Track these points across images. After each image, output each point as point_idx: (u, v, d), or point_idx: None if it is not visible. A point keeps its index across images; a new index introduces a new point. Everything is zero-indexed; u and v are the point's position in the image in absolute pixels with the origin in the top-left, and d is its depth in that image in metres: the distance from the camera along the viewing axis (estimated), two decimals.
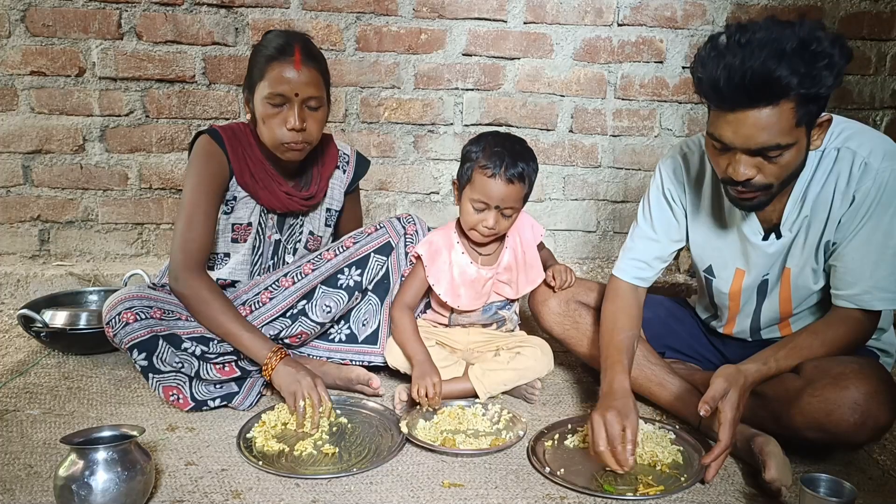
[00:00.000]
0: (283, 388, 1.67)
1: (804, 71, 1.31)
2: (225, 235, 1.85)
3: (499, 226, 1.80)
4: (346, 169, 2.00)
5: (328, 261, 1.89)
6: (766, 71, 1.30)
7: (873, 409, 1.40)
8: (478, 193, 1.77)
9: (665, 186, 1.74)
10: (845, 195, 1.50)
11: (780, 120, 1.34)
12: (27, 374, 1.93)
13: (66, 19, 2.44)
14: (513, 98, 2.66)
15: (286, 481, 1.44)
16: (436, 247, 1.89)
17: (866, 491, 1.46)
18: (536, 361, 1.85)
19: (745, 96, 1.33)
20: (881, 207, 1.48)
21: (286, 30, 1.79)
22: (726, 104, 1.37)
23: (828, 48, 1.32)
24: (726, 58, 1.33)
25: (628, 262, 1.78)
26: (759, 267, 1.65)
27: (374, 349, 1.95)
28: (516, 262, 1.92)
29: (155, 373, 1.69)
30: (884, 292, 1.51)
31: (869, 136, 1.53)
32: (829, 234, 1.54)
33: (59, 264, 2.62)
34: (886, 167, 1.46)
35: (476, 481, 1.47)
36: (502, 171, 1.74)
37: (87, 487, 1.24)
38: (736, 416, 1.41)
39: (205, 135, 1.79)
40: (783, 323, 1.71)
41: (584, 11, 2.59)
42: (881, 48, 2.70)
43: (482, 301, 1.92)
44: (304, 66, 1.69)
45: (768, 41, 1.31)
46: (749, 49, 1.31)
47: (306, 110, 1.72)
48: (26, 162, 2.55)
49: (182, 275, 1.72)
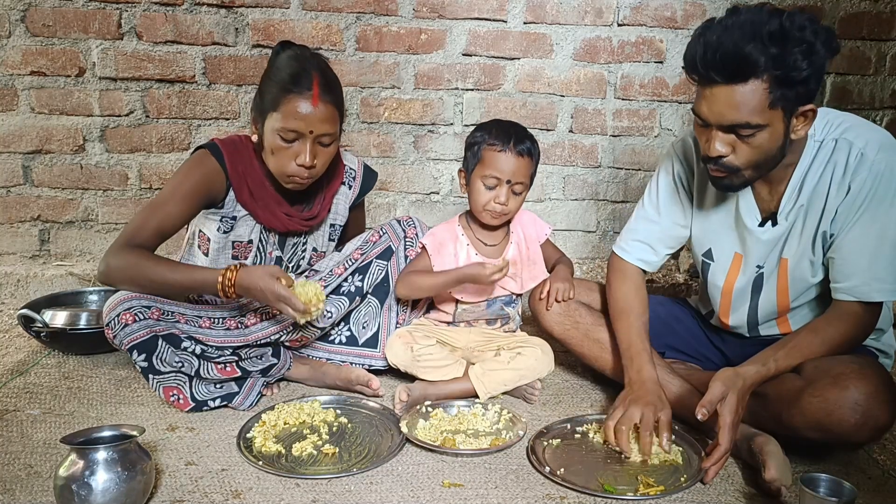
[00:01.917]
0: (253, 293, 1.62)
1: (775, 52, 1.35)
2: (225, 252, 1.83)
3: (510, 203, 1.83)
4: (351, 185, 1.97)
5: (338, 276, 1.89)
6: (736, 48, 1.36)
7: (874, 409, 1.40)
8: (489, 169, 1.81)
9: (675, 169, 1.76)
10: (841, 185, 1.51)
11: (752, 98, 1.38)
12: (27, 374, 1.93)
13: (66, 19, 2.44)
14: (513, 98, 2.66)
15: (286, 481, 1.44)
16: (440, 238, 1.91)
17: (866, 491, 1.46)
18: (537, 361, 1.85)
19: (718, 72, 1.39)
20: (877, 198, 1.48)
21: (301, 51, 1.72)
22: (702, 79, 1.44)
23: (809, 37, 1.35)
24: (706, 35, 1.40)
25: (632, 243, 1.81)
26: (755, 255, 1.66)
27: (375, 352, 1.95)
28: (521, 256, 1.94)
29: (155, 374, 1.69)
30: (882, 283, 1.51)
31: (867, 128, 1.54)
32: (826, 225, 1.55)
33: (59, 264, 2.62)
34: (882, 158, 1.47)
35: (476, 481, 1.47)
36: (511, 145, 1.81)
37: (88, 487, 1.24)
38: (735, 419, 1.41)
39: (204, 149, 1.75)
40: (781, 318, 1.71)
41: (583, 11, 2.59)
42: (881, 48, 2.70)
43: (486, 293, 1.92)
44: (322, 101, 1.64)
45: (749, 22, 1.37)
46: (729, 29, 1.37)
47: (318, 146, 1.69)
48: (26, 162, 2.55)
49: (113, 251, 1.63)
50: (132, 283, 1.65)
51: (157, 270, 1.63)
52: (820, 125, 1.53)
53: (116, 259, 1.64)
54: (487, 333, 1.96)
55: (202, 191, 1.72)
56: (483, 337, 1.95)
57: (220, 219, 1.79)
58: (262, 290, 1.60)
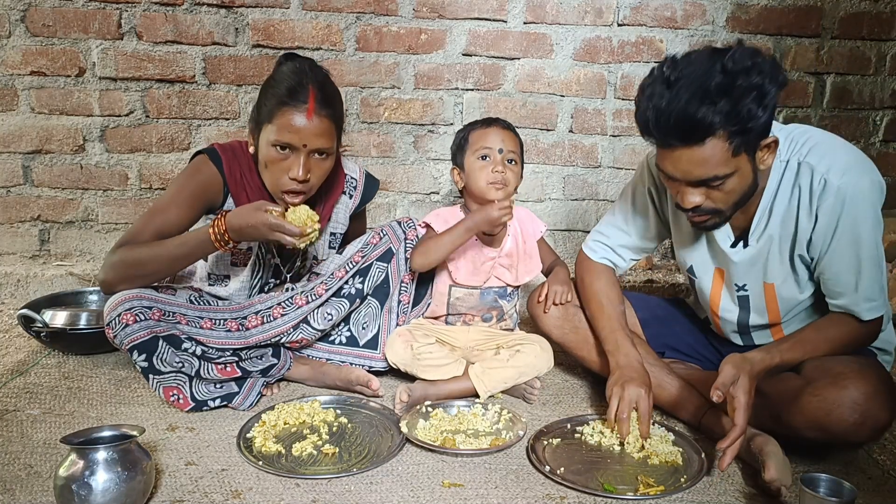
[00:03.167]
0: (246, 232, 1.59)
1: (729, 109, 1.33)
2: (224, 259, 1.83)
3: (507, 172, 1.86)
4: (352, 194, 1.97)
5: (340, 279, 1.89)
6: (688, 113, 1.34)
7: (873, 408, 1.40)
8: (479, 143, 1.87)
9: (647, 183, 1.77)
10: (809, 212, 1.50)
11: (714, 154, 1.38)
12: (27, 374, 1.93)
13: (66, 19, 2.44)
14: (513, 98, 2.66)
15: (286, 481, 1.44)
16: (444, 217, 1.94)
17: (866, 491, 1.46)
18: (536, 358, 1.85)
19: (674, 137, 1.38)
20: (849, 222, 1.47)
21: (302, 64, 1.70)
22: (660, 143, 1.42)
23: (756, 80, 1.33)
24: (654, 98, 1.38)
25: (600, 245, 1.85)
26: (733, 274, 1.66)
27: (375, 354, 1.95)
28: (517, 249, 1.97)
29: (155, 374, 1.69)
30: (870, 302, 1.52)
31: (829, 147, 1.50)
32: (801, 249, 1.55)
33: (59, 264, 2.62)
34: (847, 182, 1.45)
35: (476, 481, 1.47)
36: (495, 124, 1.91)
37: (88, 487, 1.24)
38: (748, 400, 1.40)
39: (203, 154, 1.75)
40: (775, 328, 1.71)
41: (584, 11, 2.59)
42: (881, 48, 2.70)
43: (480, 279, 1.94)
44: (317, 115, 1.62)
45: (693, 79, 1.34)
46: (675, 89, 1.35)
47: (313, 160, 1.67)
48: (26, 162, 2.55)
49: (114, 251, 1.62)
50: (131, 277, 1.63)
51: (149, 251, 1.61)
52: (784, 145, 1.51)
53: (109, 259, 1.63)
54: (486, 332, 1.96)
55: (201, 197, 1.72)
56: (482, 335, 1.95)
57: None
58: (255, 226, 1.57)
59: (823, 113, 2.74)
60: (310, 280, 1.94)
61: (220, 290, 1.85)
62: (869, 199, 1.46)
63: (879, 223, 1.50)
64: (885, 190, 1.50)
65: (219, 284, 1.86)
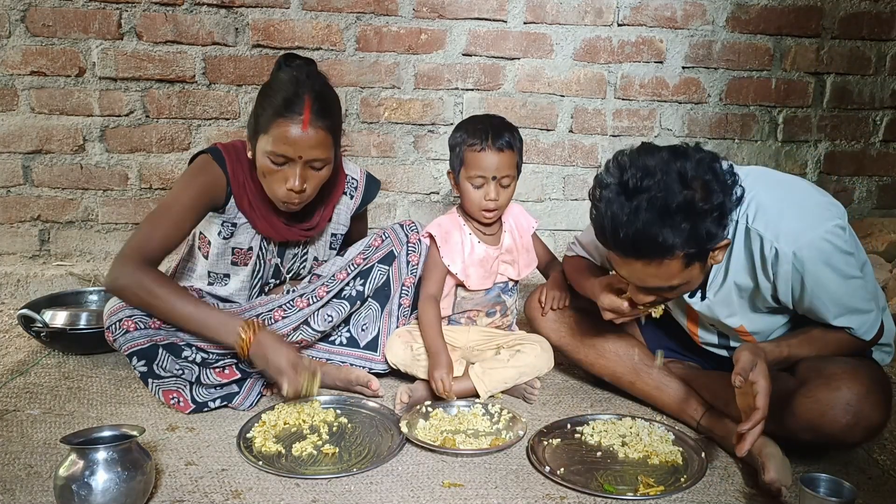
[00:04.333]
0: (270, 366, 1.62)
1: (689, 233, 1.32)
2: (224, 258, 1.83)
3: (500, 197, 1.85)
4: (353, 195, 1.96)
5: (341, 280, 1.89)
6: (649, 235, 1.32)
7: (865, 409, 1.40)
8: (473, 170, 1.83)
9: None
10: (767, 276, 1.48)
11: (670, 269, 1.38)
12: (27, 374, 1.93)
13: (66, 19, 2.44)
14: (513, 98, 2.66)
15: (286, 481, 1.44)
16: (446, 228, 1.93)
17: (866, 491, 1.46)
18: (537, 358, 1.85)
19: (631, 253, 1.38)
20: (811, 280, 1.43)
21: (300, 70, 1.68)
22: (614, 252, 1.42)
23: (717, 200, 1.33)
24: (614, 206, 1.36)
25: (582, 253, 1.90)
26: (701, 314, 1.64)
27: (375, 356, 1.95)
28: (515, 243, 1.98)
29: (154, 378, 1.69)
30: (862, 326, 1.50)
31: (775, 210, 1.44)
32: (767, 302, 1.53)
33: (59, 264, 2.62)
34: (800, 247, 1.40)
35: (476, 481, 1.47)
36: (489, 142, 1.82)
37: (88, 487, 1.24)
38: (768, 385, 1.37)
39: (206, 154, 1.75)
40: None
41: (584, 11, 2.59)
42: (881, 48, 2.70)
43: (490, 280, 1.94)
44: (313, 126, 1.60)
45: (653, 197, 1.31)
46: (634, 201, 1.33)
47: (309, 170, 1.66)
48: (26, 162, 2.55)
49: (126, 267, 1.61)
50: (140, 305, 1.65)
51: (170, 306, 1.62)
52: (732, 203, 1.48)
53: (127, 277, 1.62)
54: (487, 332, 1.96)
55: (205, 198, 1.72)
56: (482, 336, 1.95)
57: (221, 223, 1.79)
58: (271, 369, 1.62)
59: (823, 113, 2.74)
60: (310, 281, 1.94)
61: (220, 289, 1.86)
62: (828, 252, 1.41)
63: (849, 261, 1.45)
64: (845, 220, 1.45)
65: (218, 283, 1.86)
